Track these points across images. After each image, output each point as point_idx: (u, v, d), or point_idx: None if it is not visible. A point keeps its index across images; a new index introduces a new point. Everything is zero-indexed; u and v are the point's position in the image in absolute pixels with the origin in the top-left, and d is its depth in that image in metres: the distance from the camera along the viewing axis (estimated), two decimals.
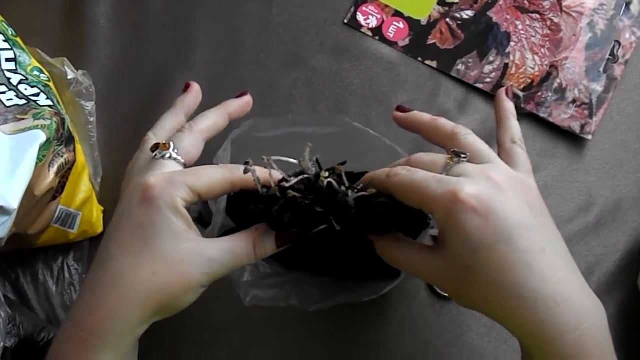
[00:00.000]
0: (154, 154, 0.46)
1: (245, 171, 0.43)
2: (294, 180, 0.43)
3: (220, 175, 0.45)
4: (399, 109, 0.52)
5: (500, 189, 0.41)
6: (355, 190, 0.43)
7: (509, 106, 0.51)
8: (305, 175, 0.43)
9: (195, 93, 0.53)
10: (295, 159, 0.44)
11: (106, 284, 0.42)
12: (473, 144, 0.46)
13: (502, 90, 0.52)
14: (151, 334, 0.44)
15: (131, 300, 0.41)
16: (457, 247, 0.41)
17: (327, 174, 0.42)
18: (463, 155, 0.44)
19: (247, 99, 0.53)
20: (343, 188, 0.43)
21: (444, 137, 0.48)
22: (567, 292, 0.40)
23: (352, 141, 0.52)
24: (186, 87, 0.54)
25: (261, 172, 0.44)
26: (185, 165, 0.47)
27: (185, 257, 0.42)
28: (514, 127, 0.49)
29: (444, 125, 0.48)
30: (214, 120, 0.50)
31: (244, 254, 0.44)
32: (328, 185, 0.42)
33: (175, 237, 0.42)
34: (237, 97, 0.53)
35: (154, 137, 0.49)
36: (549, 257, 0.40)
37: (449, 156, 0.44)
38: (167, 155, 0.46)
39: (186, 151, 0.47)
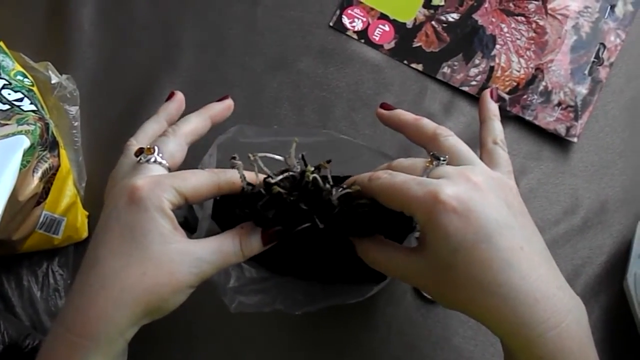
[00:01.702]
0: (138, 158, 0.46)
1: (232, 165, 0.44)
2: (279, 177, 0.43)
3: (206, 179, 0.45)
4: (383, 106, 0.53)
5: (480, 189, 0.41)
6: (340, 189, 0.43)
7: (493, 107, 0.52)
8: (291, 173, 0.43)
9: (178, 101, 0.53)
10: (281, 156, 0.44)
11: (96, 286, 0.42)
12: (454, 146, 0.46)
13: (487, 92, 0.53)
14: (139, 340, 0.43)
15: (121, 302, 0.41)
16: (438, 247, 0.41)
17: (312, 169, 0.43)
18: (442, 158, 0.44)
19: (229, 102, 0.54)
20: (327, 186, 0.43)
21: (426, 137, 0.48)
22: (547, 289, 0.40)
23: (338, 149, 0.53)
24: (170, 96, 0.54)
25: (248, 173, 0.44)
26: (170, 169, 0.47)
27: (174, 258, 0.42)
28: (496, 128, 0.50)
29: (425, 126, 0.49)
30: (196, 124, 0.50)
31: (231, 253, 0.44)
32: (313, 182, 0.43)
33: (163, 238, 0.42)
34: (219, 100, 0.54)
35: (135, 142, 0.49)
36: (528, 255, 0.41)
37: (429, 159, 0.45)
38: (152, 160, 0.46)
39: (170, 155, 0.47)
